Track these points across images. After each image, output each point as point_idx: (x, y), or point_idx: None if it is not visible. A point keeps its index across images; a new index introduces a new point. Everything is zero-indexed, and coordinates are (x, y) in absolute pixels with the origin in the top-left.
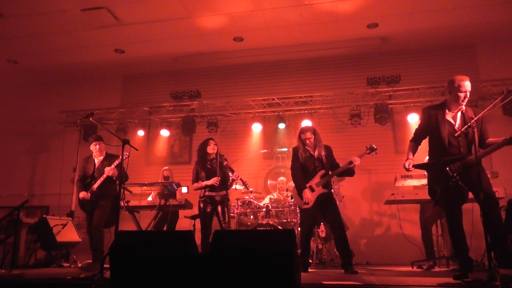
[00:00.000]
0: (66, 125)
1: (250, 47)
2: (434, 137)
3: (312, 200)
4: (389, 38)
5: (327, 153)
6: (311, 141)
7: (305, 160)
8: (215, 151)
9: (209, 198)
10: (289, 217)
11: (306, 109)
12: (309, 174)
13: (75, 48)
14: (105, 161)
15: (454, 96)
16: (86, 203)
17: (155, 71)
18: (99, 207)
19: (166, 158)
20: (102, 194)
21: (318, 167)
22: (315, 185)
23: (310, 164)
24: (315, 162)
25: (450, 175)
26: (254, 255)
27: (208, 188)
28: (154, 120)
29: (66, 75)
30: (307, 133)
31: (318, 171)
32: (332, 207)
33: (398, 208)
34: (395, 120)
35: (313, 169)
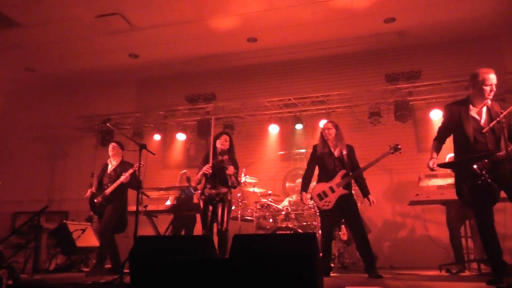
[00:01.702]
0: (83, 131)
1: (264, 47)
2: (459, 134)
3: (332, 201)
4: (407, 32)
5: (348, 153)
6: (331, 134)
7: (323, 156)
8: (224, 147)
9: (207, 196)
10: (309, 220)
11: (323, 109)
12: (328, 174)
13: (90, 54)
14: (119, 168)
15: (478, 91)
16: (96, 206)
17: (169, 74)
18: (107, 212)
19: (182, 161)
20: (113, 199)
21: (338, 167)
22: (336, 186)
23: (330, 162)
24: (335, 161)
25: (478, 173)
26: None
27: (208, 185)
28: (169, 124)
29: (82, 81)
30: (328, 124)
31: (338, 171)
32: (353, 209)
33: (423, 209)
34: (416, 117)
35: (333, 168)
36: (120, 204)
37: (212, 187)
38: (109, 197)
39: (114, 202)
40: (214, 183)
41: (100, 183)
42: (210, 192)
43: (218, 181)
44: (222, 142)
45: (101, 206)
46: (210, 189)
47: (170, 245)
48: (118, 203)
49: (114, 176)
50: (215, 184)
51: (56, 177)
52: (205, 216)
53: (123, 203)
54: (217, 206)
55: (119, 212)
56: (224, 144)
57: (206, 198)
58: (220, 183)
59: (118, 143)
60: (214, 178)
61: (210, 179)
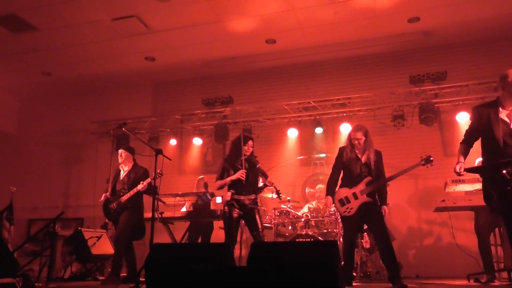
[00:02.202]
0: (99, 136)
1: (283, 49)
2: (487, 138)
3: (354, 208)
4: (432, 32)
5: (376, 159)
6: (360, 143)
7: (349, 161)
8: (249, 153)
9: (236, 202)
10: (330, 227)
11: (344, 112)
12: (353, 180)
13: (106, 57)
14: (132, 173)
15: (508, 92)
16: (110, 212)
17: (186, 77)
18: (122, 219)
19: (199, 167)
20: (128, 206)
21: (364, 173)
22: (359, 193)
23: (356, 168)
24: (362, 167)
25: (508, 179)
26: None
27: (235, 191)
28: (186, 128)
29: (97, 85)
30: (358, 133)
31: (364, 177)
32: (377, 217)
33: (450, 216)
34: (442, 120)
35: (359, 174)
36: (136, 211)
37: (239, 192)
38: (125, 204)
39: (130, 209)
40: (241, 189)
41: (113, 189)
42: (239, 198)
43: (246, 186)
44: (248, 147)
45: (116, 213)
46: (239, 195)
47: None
48: (134, 210)
49: (128, 182)
50: (243, 190)
51: (71, 183)
52: (230, 224)
53: (139, 210)
54: (251, 212)
55: (135, 219)
56: (249, 150)
57: (234, 204)
58: (248, 188)
59: (126, 148)
60: (241, 183)
61: (237, 185)
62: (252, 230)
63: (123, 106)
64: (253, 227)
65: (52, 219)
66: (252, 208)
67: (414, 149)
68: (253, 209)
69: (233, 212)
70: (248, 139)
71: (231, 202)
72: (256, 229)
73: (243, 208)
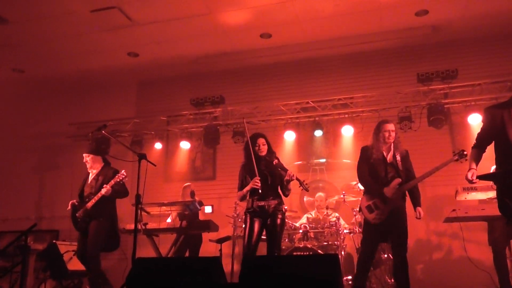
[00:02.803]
0: (77, 139)
1: (279, 44)
2: (501, 141)
3: (385, 214)
4: (442, 26)
5: (403, 158)
6: (392, 137)
7: (374, 162)
8: (265, 153)
9: (259, 209)
10: (331, 239)
11: (346, 113)
12: (378, 181)
13: (84, 53)
14: (101, 176)
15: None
16: (78, 220)
17: (172, 75)
18: (92, 230)
19: (187, 173)
20: (96, 214)
21: (391, 174)
22: (388, 196)
23: (381, 169)
24: (387, 168)
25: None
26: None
27: (256, 197)
28: (172, 131)
29: (75, 84)
30: (391, 125)
31: (391, 179)
32: (401, 224)
33: (461, 227)
34: (453, 122)
35: (384, 175)
36: (107, 219)
37: (261, 198)
38: (91, 212)
39: (98, 218)
40: (263, 194)
41: (81, 195)
42: (260, 204)
43: (268, 191)
44: (260, 147)
45: (83, 222)
46: (259, 200)
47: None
48: (104, 218)
49: (96, 186)
50: (265, 195)
51: (45, 192)
52: (251, 234)
53: (110, 217)
54: (273, 222)
55: (106, 229)
56: (263, 150)
57: (255, 210)
58: (271, 193)
59: (90, 151)
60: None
61: (256, 189)
62: (271, 238)
63: (103, 106)
64: (273, 235)
65: (23, 231)
66: (273, 216)
67: (422, 154)
68: (274, 216)
69: (254, 221)
70: (257, 138)
71: (252, 209)
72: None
73: (265, 215)
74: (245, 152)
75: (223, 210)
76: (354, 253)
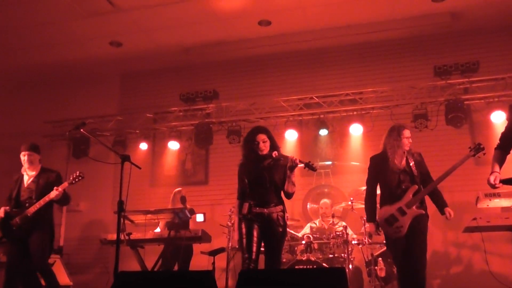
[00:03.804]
0: (52, 139)
1: (279, 33)
2: None
3: (405, 226)
4: (462, 13)
5: (417, 162)
6: (410, 143)
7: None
8: (267, 150)
9: (256, 217)
10: (337, 251)
11: (355, 110)
12: (392, 191)
13: (62, 42)
14: (41, 178)
15: None
16: (12, 229)
17: (160, 67)
18: (37, 241)
19: (176, 177)
20: (39, 222)
21: (405, 182)
22: (406, 206)
23: (394, 178)
24: (400, 175)
25: None
26: None
27: (253, 201)
28: (160, 130)
29: (51, 77)
30: (408, 131)
31: (406, 187)
32: (422, 236)
33: (483, 237)
34: (473, 121)
35: (397, 184)
36: (49, 227)
37: (260, 204)
38: (33, 219)
39: (41, 227)
40: (263, 198)
41: (16, 200)
42: (260, 211)
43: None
44: (261, 146)
45: (21, 230)
46: (260, 207)
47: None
48: (45, 226)
49: (37, 190)
50: (266, 200)
51: None
52: (250, 243)
53: (50, 225)
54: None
55: (49, 238)
56: (265, 147)
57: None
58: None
59: (33, 149)
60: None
61: (254, 192)
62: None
63: (82, 102)
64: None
65: None
66: (277, 224)
67: (439, 156)
68: (278, 224)
69: (252, 228)
70: (257, 133)
71: (249, 216)
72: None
73: (265, 222)
74: (243, 151)
75: (217, 219)
76: (363, 267)
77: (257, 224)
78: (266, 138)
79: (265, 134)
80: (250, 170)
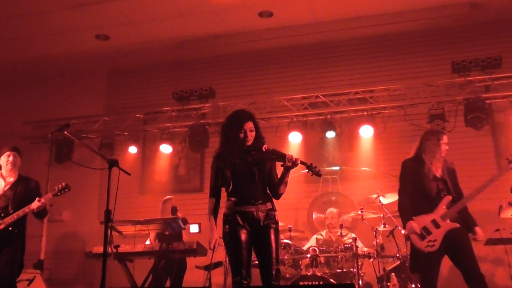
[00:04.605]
0: (32, 141)
1: (282, 25)
2: None
3: (438, 240)
4: (482, 3)
5: (450, 172)
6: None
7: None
8: (251, 141)
9: (242, 216)
10: (346, 265)
11: (365, 110)
12: (430, 201)
13: (42, 36)
14: (19, 186)
15: None
16: None
17: (151, 63)
18: (8, 256)
19: (169, 184)
20: (15, 234)
21: (443, 191)
22: (441, 218)
23: (433, 187)
24: (439, 185)
25: None
26: None
27: (237, 199)
28: (151, 132)
29: (31, 73)
30: (445, 137)
31: (441, 198)
32: (465, 251)
33: (506, 250)
34: (495, 122)
35: (436, 193)
36: (20, 240)
37: (245, 201)
38: (7, 231)
39: (15, 241)
40: (247, 195)
41: None
42: (246, 209)
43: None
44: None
45: None
46: (245, 205)
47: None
48: (18, 240)
49: (15, 199)
50: (251, 196)
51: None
52: (237, 250)
53: (23, 240)
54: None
55: (21, 254)
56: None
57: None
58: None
59: (16, 149)
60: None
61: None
62: (262, 262)
63: (65, 101)
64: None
65: None
66: (267, 225)
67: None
68: (268, 226)
69: (238, 231)
70: (244, 120)
71: (232, 216)
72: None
73: (254, 224)
74: (223, 138)
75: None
76: (374, 282)
77: (242, 225)
78: (252, 126)
79: (252, 122)
80: (234, 162)
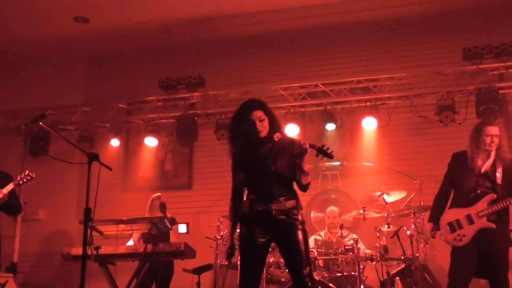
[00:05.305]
0: (4, 133)
1: (278, 7)
2: None
3: (468, 236)
4: None
5: (506, 169)
6: (495, 143)
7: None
8: (266, 131)
9: (260, 216)
10: (346, 269)
11: (368, 100)
12: (464, 195)
13: (16, 18)
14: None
15: None
16: None
17: (135, 48)
18: None
19: (154, 180)
20: None
21: (482, 186)
22: (476, 215)
23: (472, 180)
24: (479, 179)
25: None
26: None
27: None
28: (134, 123)
29: (3, 59)
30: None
31: (481, 192)
32: (499, 253)
33: None
34: (509, 113)
35: (473, 187)
36: None
37: (264, 199)
38: None
39: None
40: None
41: None
42: (266, 208)
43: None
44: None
45: None
46: (264, 203)
47: None
48: None
49: None
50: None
51: None
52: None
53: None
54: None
55: None
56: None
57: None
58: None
59: None
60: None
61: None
62: (291, 265)
63: (41, 89)
64: (292, 260)
65: None
66: (291, 225)
67: None
68: (292, 226)
69: (255, 235)
70: (251, 110)
71: (250, 216)
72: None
73: (272, 225)
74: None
75: (202, 230)
76: (376, 287)
77: (261, 229)
78: (263, 115)
79: (261, 110)
80: (245, 159)
